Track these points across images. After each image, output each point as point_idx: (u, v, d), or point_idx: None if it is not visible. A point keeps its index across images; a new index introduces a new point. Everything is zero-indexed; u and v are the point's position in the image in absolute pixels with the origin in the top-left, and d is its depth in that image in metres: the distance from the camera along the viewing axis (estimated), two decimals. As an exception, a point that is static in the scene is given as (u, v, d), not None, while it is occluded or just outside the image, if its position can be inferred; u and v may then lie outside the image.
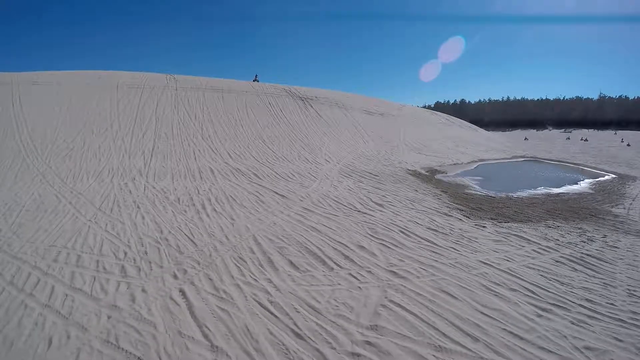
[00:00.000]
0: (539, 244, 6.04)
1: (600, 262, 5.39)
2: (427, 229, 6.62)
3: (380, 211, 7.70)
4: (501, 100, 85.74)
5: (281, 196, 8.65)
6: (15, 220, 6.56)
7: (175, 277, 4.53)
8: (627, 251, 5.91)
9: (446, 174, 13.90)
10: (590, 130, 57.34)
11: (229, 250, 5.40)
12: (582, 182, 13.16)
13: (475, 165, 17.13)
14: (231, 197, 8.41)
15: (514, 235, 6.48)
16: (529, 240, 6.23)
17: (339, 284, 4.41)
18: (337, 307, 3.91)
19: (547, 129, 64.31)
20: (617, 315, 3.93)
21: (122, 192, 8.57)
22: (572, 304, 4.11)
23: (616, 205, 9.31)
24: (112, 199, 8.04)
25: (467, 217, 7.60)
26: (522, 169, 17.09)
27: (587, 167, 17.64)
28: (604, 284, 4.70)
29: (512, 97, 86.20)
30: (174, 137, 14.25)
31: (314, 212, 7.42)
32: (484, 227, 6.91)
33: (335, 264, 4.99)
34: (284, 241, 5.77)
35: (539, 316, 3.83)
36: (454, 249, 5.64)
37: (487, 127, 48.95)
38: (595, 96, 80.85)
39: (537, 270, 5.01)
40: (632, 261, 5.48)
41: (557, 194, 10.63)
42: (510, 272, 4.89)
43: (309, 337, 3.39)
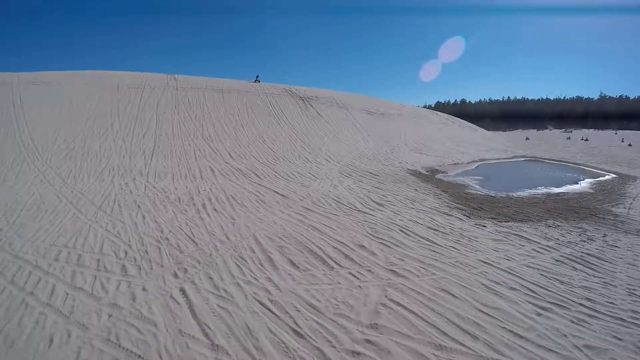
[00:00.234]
0: (539, 243, 6.04)
1: (600, 261, 5.40)
2: (428, 228, 6.62)
3: (380, 210, 7.71)
4: (501, 100, 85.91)
5: (282, 196, 8.66)
6: (16, 219, 6.57)
7: (175, 276, 4.54)
8: (627, 250, 5.91)
9: (446, 173, 13.91)
10: (590, 130, 57.36)
11: (229, 249, 5.41)
12: (582, 181, 13.17)
13: (475, 165, 17.13)
14: (231, 196, 8.42)
15: (514, 234, 6.48)
16: (529, 239, 6.23)
17: (339, 283, 4.42)
18: (337, 305, 3.91)
19: (547, 128, 64.32)
20: (617, 314, 3.94)
21: (123, 192, 8.58)
22: (572, 303, 4.12)
23: (616, 204, 9.31)
24: (112, 198, 8.05)
25: (467, 216, 7.60)
26: (523, 169, 17.10)
27: (588, 166, 17.64)
28: (604, 283, 4.71)
29: (512, 97, 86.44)
30: (175, 137, 14.26)
31: (314, 212, 7.42)
32: (484, 226, 6.92)
33: (335, 263, 4.99)
34: (284, 240, 5.77)
35: (539, 315, 3.84)
36: (454, 248, 5.64)
37: (487, 127, 48.90)
38: (595, 96, 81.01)
39: (537, 269, 5.01)
40: (632, 260, 5.48)
41: (558, 194, 10.63)
42: (510, 271, 4.89)
43: (309, 336, 3.40)
